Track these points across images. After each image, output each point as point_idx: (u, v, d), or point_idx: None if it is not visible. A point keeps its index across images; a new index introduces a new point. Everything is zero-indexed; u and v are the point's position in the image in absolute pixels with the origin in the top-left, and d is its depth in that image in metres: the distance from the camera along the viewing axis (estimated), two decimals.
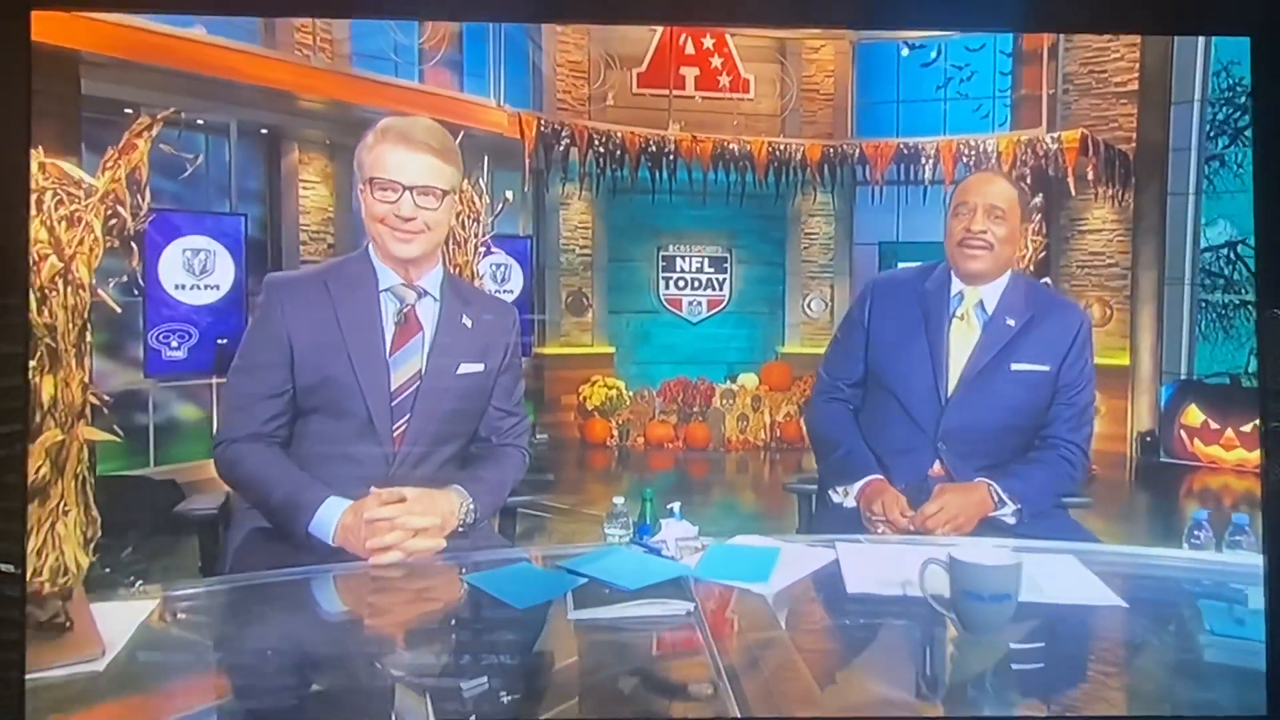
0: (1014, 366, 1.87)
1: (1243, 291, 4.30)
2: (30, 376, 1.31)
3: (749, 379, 5.07)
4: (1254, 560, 1.69)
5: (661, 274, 5.31)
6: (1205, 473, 4.12)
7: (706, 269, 5.34)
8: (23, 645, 1.25)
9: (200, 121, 3.78)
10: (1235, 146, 4.36)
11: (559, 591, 1.40)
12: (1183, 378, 4.42)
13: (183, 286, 3.58)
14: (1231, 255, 4.38)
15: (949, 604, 1.27)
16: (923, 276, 1.98)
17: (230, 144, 3.88)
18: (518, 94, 4.73)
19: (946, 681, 1.27)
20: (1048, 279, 4.26)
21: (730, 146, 4.83)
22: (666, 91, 5.06)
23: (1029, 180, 4.43)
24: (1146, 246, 4.55)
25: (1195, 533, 1.77)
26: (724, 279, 5.35)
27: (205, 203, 3.81)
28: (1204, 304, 4.43)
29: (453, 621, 1.44)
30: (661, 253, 5.30)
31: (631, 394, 4.93)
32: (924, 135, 4.83)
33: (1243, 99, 4.27)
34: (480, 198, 2.72)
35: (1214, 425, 4.12)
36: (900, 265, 4.51)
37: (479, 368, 1.74)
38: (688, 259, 5.33)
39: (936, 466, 1.86)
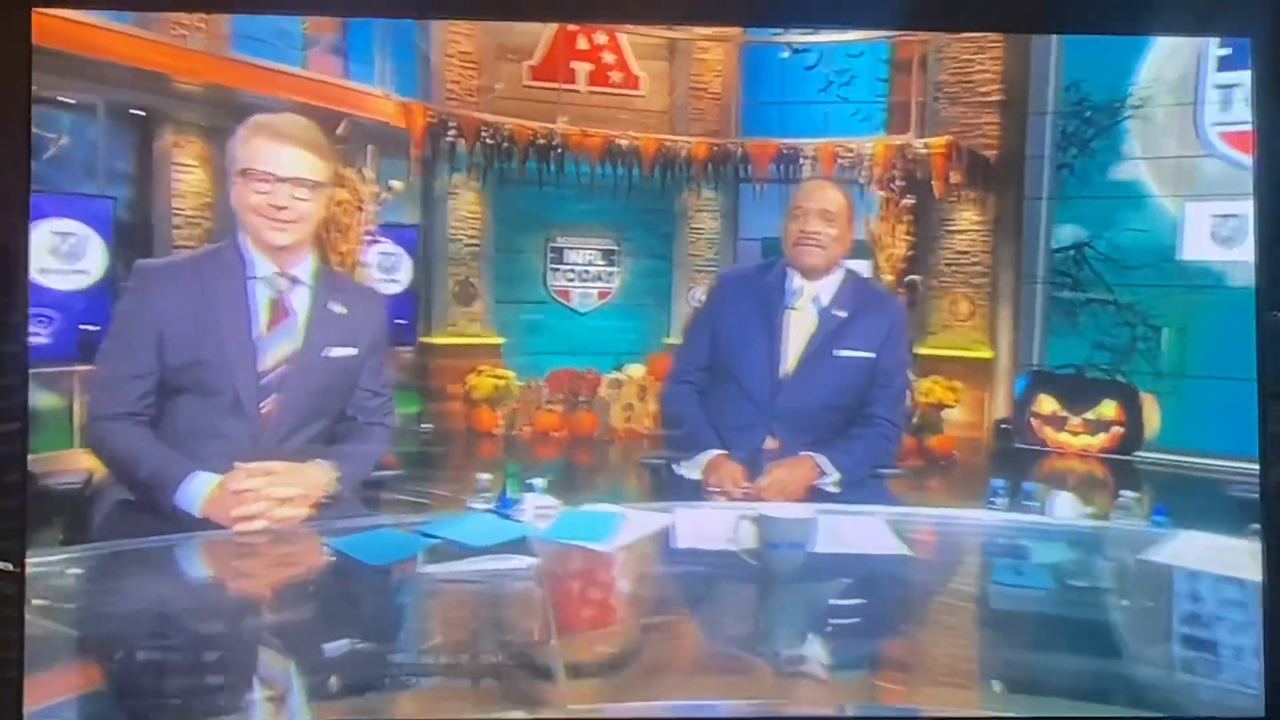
0: (840, 353, 2.11)
1: (1088, 290, 4.68)
2: None
3: (636, 369, 5.18)
4: (1038, 519, 1.97)
5: (550, 265, 5.36)
6: (1054, 457, 4.46)
7: (597, 262, 5.41)
8: (23, 645, 1.29)
9: (71, 101, 3.64)
10: (1082, 157, 4.73)
11: (411, 551, 1.53)
12: (1035, 368, 4.76)
13: (48, 271, 3.46)
14: (1078, 256, 4.75)
15: (755, 554, 1.46)
16: (764, 271, 2.19)
17: (98, 124, 3.74)
18: (405, 82, 4.69)
19: (754, 617, 1.46)
20: (918, 276, 4.56)
21: (619, 142, 4.93)
22: (557, 85, 5.12)
23: (899, 182, 4.72)
24: (1006, 247, 4.85)
25: (992, 498, 2.04)
26: (613, 271, 5.44)
27: (71, 185, 3.67)
28: (1055, 301, 4.78)
29: (313, 584, 1.55)
30: (550, 244, 5.35)
31: (521, 384, 4.97)
32: (805, 136, 5.05)
33: (1088, 113, 4.65)
34: (365, 186, 2.74)
35: (1061, 413, 4.46)
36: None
37: (349, 352, 1.84)
38: (577, 251, 5.40)
39: (771, 441, 2.08)
